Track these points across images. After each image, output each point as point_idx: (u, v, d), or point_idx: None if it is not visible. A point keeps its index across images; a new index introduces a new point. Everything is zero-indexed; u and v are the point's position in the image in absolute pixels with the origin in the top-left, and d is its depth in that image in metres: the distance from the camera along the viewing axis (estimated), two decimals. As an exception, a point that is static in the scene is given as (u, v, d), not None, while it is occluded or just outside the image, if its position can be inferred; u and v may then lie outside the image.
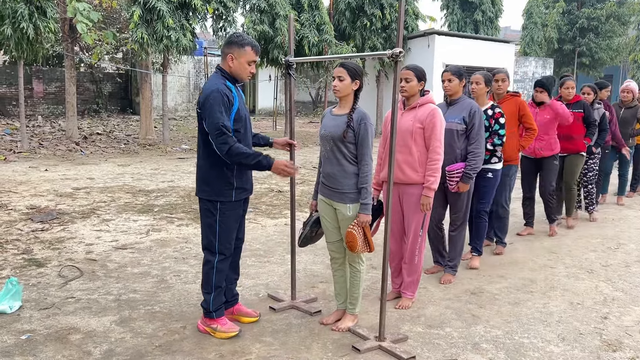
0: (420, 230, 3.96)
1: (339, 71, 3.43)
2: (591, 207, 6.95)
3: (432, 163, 3.85)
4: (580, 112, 6.15)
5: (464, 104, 4.40)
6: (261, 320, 3.74)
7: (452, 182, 4.35)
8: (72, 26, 12.75)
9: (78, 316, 3.76)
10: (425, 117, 3.84)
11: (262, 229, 6.21)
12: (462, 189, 4.37)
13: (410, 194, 3.92)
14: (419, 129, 3.85)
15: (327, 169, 3.52)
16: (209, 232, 3.46)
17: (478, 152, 4.32)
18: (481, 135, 4.35)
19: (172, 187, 8.51)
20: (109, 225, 6.18)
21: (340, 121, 3.44)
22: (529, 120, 5.30)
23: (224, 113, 3.24)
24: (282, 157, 8.87)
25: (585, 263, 5.20)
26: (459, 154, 4.35)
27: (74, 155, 11.90)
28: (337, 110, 3.53)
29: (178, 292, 4.24)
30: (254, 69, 3.45)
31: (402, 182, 3.90)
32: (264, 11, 14.98)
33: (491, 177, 4.81)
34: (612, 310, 4.06)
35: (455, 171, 4.32)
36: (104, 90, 23.63)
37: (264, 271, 4.78)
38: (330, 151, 3.47)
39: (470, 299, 4.22)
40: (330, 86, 20.65)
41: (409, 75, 3.87)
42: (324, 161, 3.58)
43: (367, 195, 3.41)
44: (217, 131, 3.20)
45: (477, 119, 4.32)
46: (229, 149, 3.20)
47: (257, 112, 27.21)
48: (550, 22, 25.15)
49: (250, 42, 3.36)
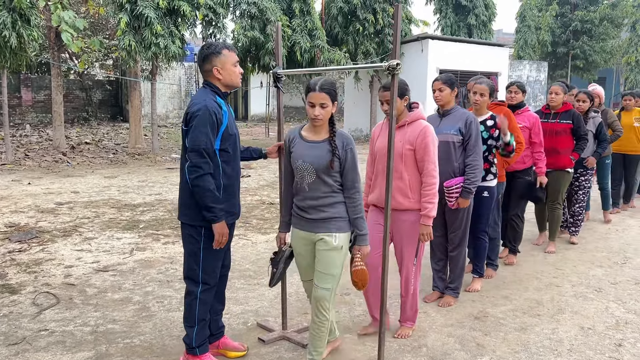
0: (414, 259, 3.64)
1: (322, 97, 2.88)
2: (576, 228, 6.21)
3: (428, 188, 3.50)
4: (569, 124, 5.55)
5: (458, 113, 4.10)
6: (249, 354, 3.45)
7: (452, 198, 4.04)
8: (58, 34, 12.44)
9: (50, 352, 3.45)
10: (415, 136, 3.48)
11: (253, 246, 5.91)
12: (463, 204, 4.07)
13: (402, 221, 3.58)
14: (409, 151, 3.50)
15: (307, 201, 3.04)
16: (191, 260, 3.17)
17: (476, 165, 4.02)
18: (479, 146, 4.06)
19: (159, 200, 8.20)
20: (91, 244, 5.87)
21: (322, 150, 2.97)
22: (515, 132, 4.75)
23: (210, 134, 2.96)
24: (273, 165, 8.43)
25: (593, 281, 4.94)
26: (456, 167, 4.05)
27: (60, 166, 11.57)
28: (311, 135, 3.03)
29: (160, 321, 3.94)
30: (240, 68, 3.19)
31: (394, 209, 3.52)
32: (254, 17, 14.73)
33: (487, 196, 4.47)
34: (626, 336, 3.79)
35: (454, 186, 4.01)
36: (93, 97, 23.27)
37: (254, 295, 4.48)
38: (312, 183, 3.01)
39: (474, 325, 3.94)
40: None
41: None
42: (299, 192, 3.09)
43: (364, 224, 3.07)
44: (195, 152, 2.93)
45: (474, 129, 4.02)
46: (199, 176, 2.94)
47: (249, 118, 26.93)
48: (544, 25, 25.03)
49: (224, 45, 3.11)
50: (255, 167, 11.62)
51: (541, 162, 5.19)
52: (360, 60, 16.86)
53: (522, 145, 4.78)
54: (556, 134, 5.56)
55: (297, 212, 3.15)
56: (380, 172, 3.58)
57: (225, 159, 3.10)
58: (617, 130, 6.90)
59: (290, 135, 3.14)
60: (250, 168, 11.37)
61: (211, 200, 2.96)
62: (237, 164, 3.24)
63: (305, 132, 3.08)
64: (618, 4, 25.14)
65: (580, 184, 6.11)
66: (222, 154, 3.08)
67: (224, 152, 3.09)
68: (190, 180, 2.96)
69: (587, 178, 6.11)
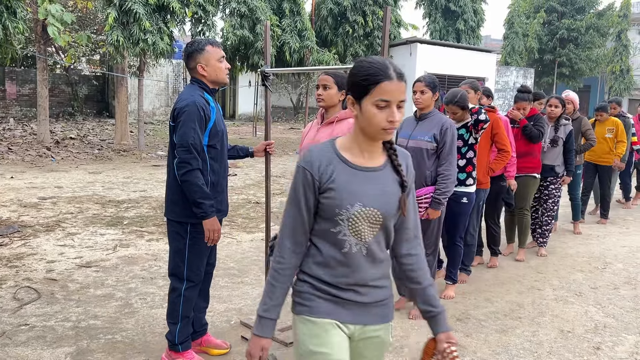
0: None
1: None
2: (543, 239, 5.96)
3: None
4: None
5: (434, 119, 3.91)
6: (232, 352, 3.45)
7: (421, 208, 3.82)
8: (45, 27, 12.32)
9: (30, 347, 3.42)
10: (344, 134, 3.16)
11: (238, 244, 5.91)
12: (432, 215, 3.88)
13: None
14: None
15: (359, 274, 1.81)
16: (177, 257, 3.16)
17: (449, 175, 3.82)
18: (453, 155, 3.86)
19: (144, 197, 8.15)
20: (74, 239, 5.81)
21: (387, 182, 1.82)
22: (502, 140, 4.69)
23: (198, 130, 2.96)
24: (260, 165, 8.42)
25: (574, 285, 5.00)
26: (428, 175, 3.86)
27: (44, 161, 11.44)
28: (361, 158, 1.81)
29: (143, 318, 3.93)
30: (227, 63, 3.18)
31: None
32: (244, 16, 14.71)
33: (466, 202, 4.28)
34: (604, 340, 3.85)
35: (424, 196, 3.82)
36: (79, 92, 23.03)
37: (237, 294, 4.48)
38: (374, 241, 1.81)
39: (456, 326, 3.98)
40: (312, 92, 20.47)
41: (327, 82, 3.23)
42: (349, 261, 1.79)
43: (437, 297, 1.96)
44: (184, 148, 2.92)
45: (449, 137, 3.82)
46: (188, 171, 2.92)
47: (237, 117, 26.84)
48: (531, 32, 25.32)
49: (208, 41, 3.10)
50: (241, 165, 11.59)
51: (511, 165, 5.08)
52: (349, 62, 16.91)
53: (509, 153, 4.71)
54: (520, 137, 5.43)
55: (328, 292, 1.82)
56: None
57: (212, 156, 3.10)
58: (591, 139, 6.59)
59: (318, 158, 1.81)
60: (236, 167, 11.35)
61: (200, 196, 2.95)
62: (224, 161, 3.24)
63: (347, 152, 1.83)
64: (604, 14, 25.54)
65: (550, 192, 5.86)
66: (210, 150, 3.08)
67: (211, 148, 3.08)
68: (179, 176, 2.95)
69: (557, 187, 5.87)
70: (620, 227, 7.47)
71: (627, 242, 6.68)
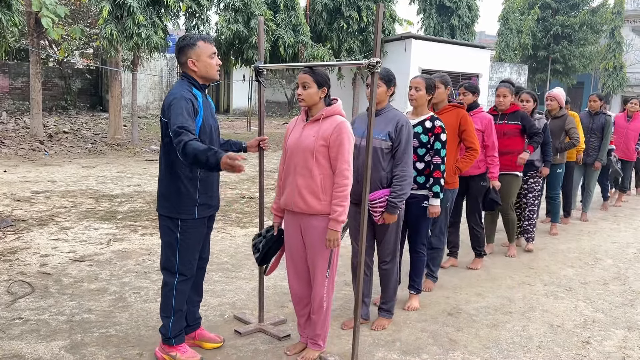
0: (327, 271, 3.21)
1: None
2: (528, 234, 5.96)
3: (339, 189, 3.08)
4: (517, 125, 5.36)
5: (389, 115, 3.62)
6: (225, 345, 3.47)
7: (376, 212, 3.58)
8: (38, 20, 12.26)
9: (24, 341, 3.44)
10: (330, 132, 3.08)
11: (231, 239, 5.93)
12: (388, 220, 3.61)
13: (313, 227, 3.16)
14: (322, 147, 3.10)
15: None
16: (168, 251, 3.18)
17: (404, 176, 3.56)
18: (409, 154, 3.59)
19: (137, 191, 8.15)
20: (68, 233, 5.82)
21: None
22: (470, 138, 4.47)
23: (189, 118, 2.95)
24: (254, 159, 8.38)
25: (564, 280, 5.06)
26: (384, 176, 3.59)
27: (37, 155, 11.41)
28: None
29: (137, 312, 3.95)
30: (218, 60, 3.19)
31: (304, 212, 3.16)
32: (238, 10, 14.66)
33: (427, 206, 4.00)
34: (593, 334, 3.90)
35: (378, 199, 3.55)
36: (73, 86, 22.91)
37: (231, 288, 4.50)
38: None
39: (447, 321, 4.02)
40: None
41: (306, 80, 3.14)
42: None
43: None
44: (178, 128, 2.84)
45: (404, 134, 3.56)
46: (184, 145, 2.77)
47: (231, 111, 26.80)
48: (526, 28, 25.35)
49: (199, 37, 3.10)
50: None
51: (494, 166, 4.96)
52: (343, 58, 16.90)
53: (477, 152, 4.51)
54: (504, 135, 5.34)
55: None
56: (291, 170, 3.21)
57: None
58: (574, 138, 6.33)
59: None
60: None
61: (204, 155, 2.74)
62: None
63: None
64: (598, 11, 25.59)
65: (529, 186, 5.82)
66: None
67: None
68: (180, 154, 2.83)
69: (536, 180, 5.82)
70: (611, 224, 7.54)
71: (618, 238, 6.75)
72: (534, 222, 5.97)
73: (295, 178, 3.16)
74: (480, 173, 5.00)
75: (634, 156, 8.40)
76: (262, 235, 3.50)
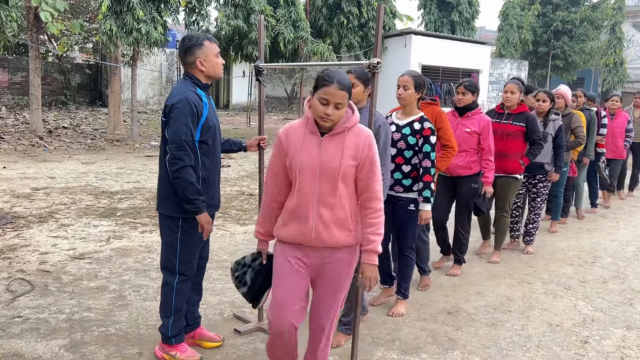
0: (339, 310, 2.81)
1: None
2: (529, 237, 5.85)
3: (374, 216, 2.59)
4: (522, 127, 5.13)
5: (366, 115, 3.29)
6: (225, 345, 3.48)
7: None
8: (37, 15, 12.20)
9: (24, 339, 3.44)
10: (360, 148, 2.54)
11: (231, 237, 5.93)
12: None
13: (338, 260, 2.64)
14: (351, 168, 2.54)
15: None
16: (168, 250, 3.18)
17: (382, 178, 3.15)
18: (386, 156, 3.46)
19: (137, 188, 8.15)
20: (67, 231, 5.82)
21: None
22: (445, 135, 4.30)
23: (191, 126, 2.97)
24: (254, 156, 8.38)
25: (563, 279, 5.06)
26: None
27: (37, 151, 11.40)
28: None
29: (136, 310, 3.95)
30: (221, 59, 3.21)
31: (325, 247, 2.60)
32: (238, 6, 14.62)
33: (414, 209, 3.92)
34: (592, 333, 3.91)
35: None
36: (72, 81, 22.87)
37: (231, 286, 4.49)
38: None
39: (446, 320, 4.03)
40: (306, 82, 20.40)
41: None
42: None
43: None
44: (176, 145, 2.93)
45: (382, 135, 3.38)
46: (180, 168, 2.93)
47: (231, 107, 26.77)
48: (526, 24, 25.33)
49: (205, 37, 3.12)
50: (235, 157, 11.58)
51: (489, 171, 4.77)
52: (343, 53, 16.88)
53: (454, 149, 4.34)
54: (507, 136, 5.14)
55: None
56: (310, 199, 2.56)
57: (204, 151, 3.11)
58: (580, 137, 6.30)
59: None
60: (230, 158, 11.34)
61: (192, 192, 2.97)
62: (216, 156, 3.25)
63: None
64: (598, 6, 25.56)
65: (538, 190, 5.70)
66: (202, 146, 3.09)
67: (203, 144, 3.09)
68: (171, 172, 2.97)
69: (545, 185, 5.70)
70: (611, 221, 7.54)
71: (617, 236, 6.75)
72: (537, 225, 5.87)
73: (318, 209, 2.54)
74: (472, 174, 4.78)
75: (623, 154, 8.27)
76: (247, 264, 2.98)
